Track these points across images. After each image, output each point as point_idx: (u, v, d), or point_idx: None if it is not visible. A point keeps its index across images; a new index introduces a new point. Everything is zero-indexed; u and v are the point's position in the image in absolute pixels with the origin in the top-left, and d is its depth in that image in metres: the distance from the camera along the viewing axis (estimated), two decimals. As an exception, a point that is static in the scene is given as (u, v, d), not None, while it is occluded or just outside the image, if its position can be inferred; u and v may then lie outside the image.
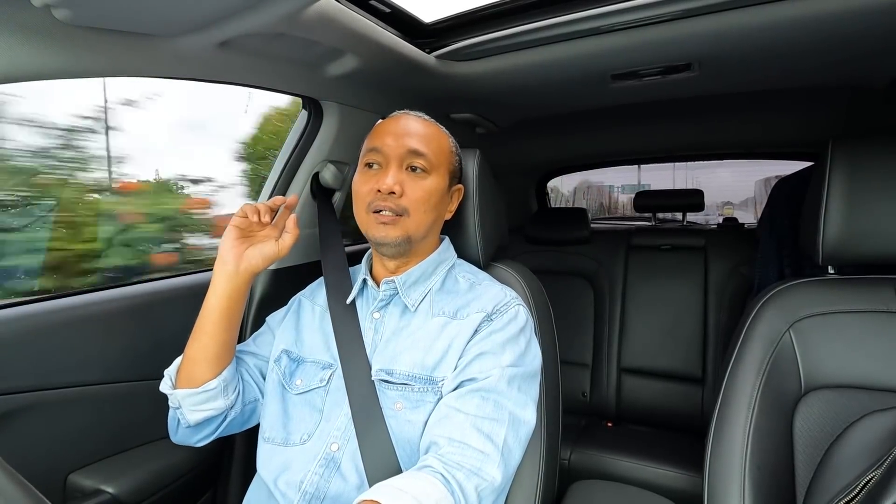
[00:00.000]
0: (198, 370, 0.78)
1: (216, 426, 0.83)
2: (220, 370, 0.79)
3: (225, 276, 0.79)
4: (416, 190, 0.79)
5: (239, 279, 0.80)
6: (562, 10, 0.93)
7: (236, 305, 0.81)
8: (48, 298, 0.91)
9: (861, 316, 0.83)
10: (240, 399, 0.84)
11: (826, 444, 0.79)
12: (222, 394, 0.80)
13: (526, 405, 0.73)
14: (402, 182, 0.78)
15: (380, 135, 0.82)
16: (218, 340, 0.79)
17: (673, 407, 1.79)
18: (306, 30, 0.80)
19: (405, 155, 0.79)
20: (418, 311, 0.81)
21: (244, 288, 0.81)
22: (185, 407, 0.80)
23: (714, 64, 1.09)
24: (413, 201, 0.78)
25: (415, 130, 0.81)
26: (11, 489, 0.40)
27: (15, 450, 0.81)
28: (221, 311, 0.79)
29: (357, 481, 0.71)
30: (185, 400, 0.79)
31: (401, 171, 0.79)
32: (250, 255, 0.80)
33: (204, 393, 0.78)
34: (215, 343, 0.79)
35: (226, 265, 0.79)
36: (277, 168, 1.17)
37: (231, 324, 0.81)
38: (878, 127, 1.48)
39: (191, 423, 0.81)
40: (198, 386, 0.78)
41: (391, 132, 0.81)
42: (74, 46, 0.65)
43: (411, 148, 0.79)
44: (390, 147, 0.79)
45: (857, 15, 0.83)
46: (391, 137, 0.80)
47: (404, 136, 0.80)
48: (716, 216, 5.25)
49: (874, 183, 0.81)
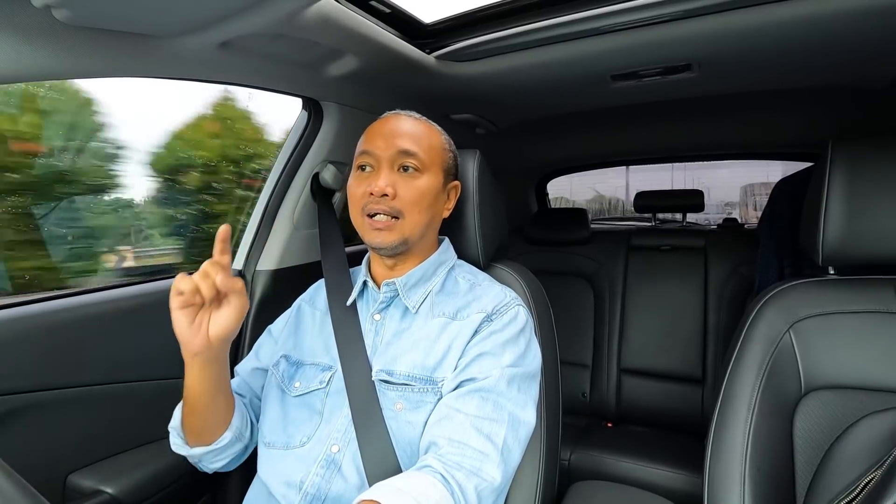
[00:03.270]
0: (206, 435, 0.78)
1: (240, 457, 0.86)
2: (227, 425, 0.79)
3: (200, 363, 0.71)
4: (408, 190, 0.78)
5: (218, 356, 0.73)
6: (562, 11, 0.93)
7: (222, 375, 0.76)
8: (48, 299, 0.91)
9: (861, 316, 0.83)
10: (255, 428, 0.85)
11: (826, 445, 0.79)
12: (238, 440, 0.81)
13: (526, 405, 0.73)
14: (395, 183, 0.78)
15: (370, 137, 0.82)
16: (215, 411, 0.77)
17: (673, 407, 1.79)
18: (306, 30, 0.80)
19: (396, 156, 0.79)
20: (419, 312, 0.81)
21: (224, 358, 0.75)
22: (204, 461, 0.81)
23: (714, 64, 1.09)
24: (407, 202, 0.78)
25: (405, 130, 0.81)
26: (11, 489, 0.40)
27: (14, 450, 0.81)
28: (210, 391, 0.74)
29: (358, 482, 0.71)
30: (203, 456, 0.80)
31: (392, 172, 0.79)
32: (216, 332, 0.69)
33: (220, 448, 0.79)
34: (214, 415, 0.77)
35: (199, 354, 0.70)
36: (277, 168, 1.17)
37: (222, 390, 0.77)
38: (879, 127, 1.48)
39: (216, 469, 0.83)
40: (210, 444, 0.78)
41: (381, 134, 0.81)
42: (75, 47, 0.65)
43: (402, 148, 0.79)
44: (381, 149, 0.79)
45: (858, 16, 0.83)
46: (381, 139, 0.80)
47: (394, 137, 0.79)
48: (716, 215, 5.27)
49: (874, 183, 0.80)
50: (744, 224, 2.26)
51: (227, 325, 0.69)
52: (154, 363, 0.96)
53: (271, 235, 1.19)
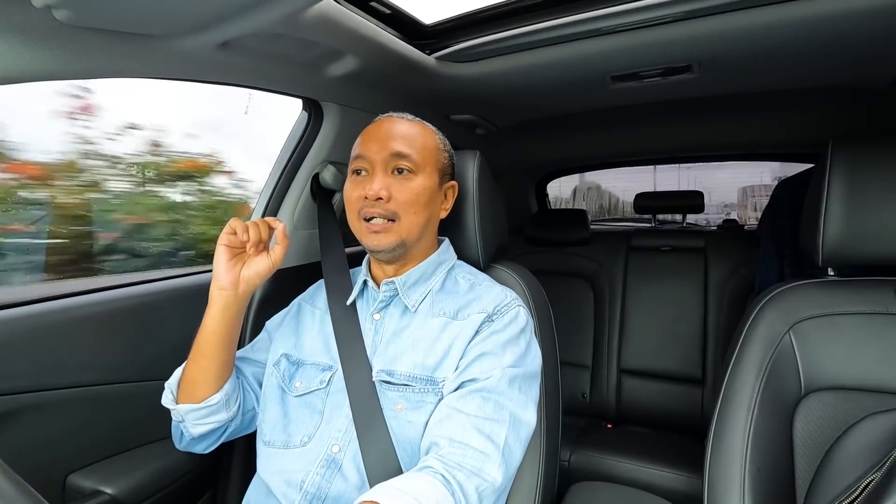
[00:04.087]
0: (199, 388, 0.79)
1: (219, 436, 0.85)
2: (221, 385, 0.80)
3: (224, 300, 0.78)
4: (403, 192, 0.79)
5: (239, 302, 0.80)
6: (562, 12, 0.93)
7: (235, 326, 0.81)
8: (48, 299, 0.91)
9: (861, 317, 0.83)
10: (241, 409, 0.85)
11: (826, 446, 0.79)
12: (224, 407, 0.81)
13: (526, 406, 0.73)
14: (389, 186, 0.78)
15: (364, 141, 0.83)
16: (218, 361, 0.79)
17: (673, 408, 1.79)
18: (306, 31, 0.80)
19: (389, 158, 0.79)
20: (418, 311, 0.82)
21: (243, 308, 0.82)
22: (188, 421, 0.81)
23: (714, 65, 1.09)
24: (402, 204, 0.78)
25: (398, 132, 0.81)
26: (10, 490, 0.40)
27: (14, 450, 0.81)
28: (221, 335, 0.79)
29: (358, 481, 0.71)
30: (188, 415, 0.80)
31: (387, 175, 0.79)
32: (247, 276, 0.80)
33: (206, 408, 0.80)
34: (215, 364, 0.79)
35: (224, 290, 0.78)
36: (277, 169, 1.17)
37: (230, 343, 0.81)
38: (879, 128, 1.48)
39: (194, 436, 0.83)
40: (200, 401, 0.79)
41: (374, 137, 0.81)
42: (75, 47, 0.65)
43: (394, 151, 0.79)
44: (374, 152, 0.80)
45: (858, 16, 0.83)
46: (374, 142, 0.81)
47: (387, 140, 0.80)
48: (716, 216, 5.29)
49: (874, 184, 0.80)
50: (743, 225, 2.26)
51: (259, 270, 0.80)
52: (154, 363, 0.96)
53: None
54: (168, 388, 0.83)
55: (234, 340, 0.82)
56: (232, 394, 0.82)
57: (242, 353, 0.92)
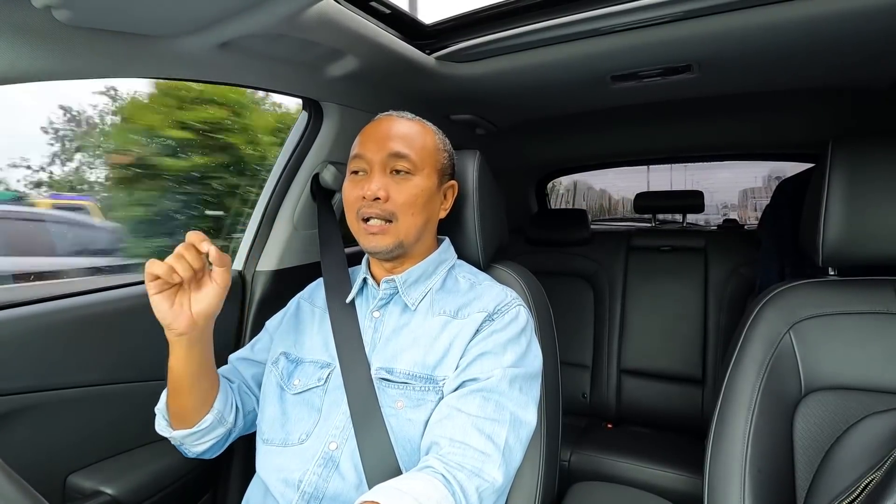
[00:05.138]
0: (189, 416, 0.78)
1: (223, 443, 0.85)
2: (209, 408, 0.79)
3: (186, 343, 0.72)
4: (401, 193, 0.78)
5: (203, 336, 0.75)
6: (562, 12, 0.93)
7: (207, 356, 0.77)
8: (48, 299, 0.91)
9: (861, 317, 0.83)
10: (240, 414, 0.85)
11: (826, 446, 0.79)
12: (220, 424, 0.81)
13: (527, 406, 0.73)
14: (387, 186, 0.78)
15: (363, 141, 0.82)
16: (199, 392, 0.77)
17: (673, 408, 1.79)
18: (306, 31, 0.80)
19: (387, 159, 0.79)
20: (418, 310, 0.81)
21: (209, 338, 0.77)
22: (186, 444, 0.81)
23: (714, 65, 1.09)
24: (400, 205, 0.78)
25: (396, 132, 0.81)
26: (11, 490, 0.40)
27: (14, 450, 0.81)
28: (193, 371, 0.75)
29: (356, 480, 0.71)
30: (185, 439, 0.80)
31: (384, 175, 0.79)
32: (200, 310, 0.71)
33: (201, 431, 0.79)
34: (196, 396, 0.77)
35: (182, 334, 0.71)
36: (277, 169, 1.17)
37: (206, 372, 0.77)
38: (879, 128, 1.48)
39: (198, 453, 0.83)
40: (192, 426, 0.79)
41: (373, 137, 0.81)
42: (75, 47, 0.65)
43: (392, 151, 0.79)
44: (372, 152, 0.79)
45: (858, 17, 0.83)
46: (372, 142, 0.80)
47: (385, 140, 0.80)
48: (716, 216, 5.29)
49: (874, 183, 0.80)
50: (743, 225, 2.25)
51: (210, 301, 0.71)
52: (154, 363, 0.95)
53: (271, 236, 1.19)
54: (159, 413, 0.81)
55: (210, 367, 0.78)
56: (225, 408, 0.81)
57: (242, 354, 0.92)
